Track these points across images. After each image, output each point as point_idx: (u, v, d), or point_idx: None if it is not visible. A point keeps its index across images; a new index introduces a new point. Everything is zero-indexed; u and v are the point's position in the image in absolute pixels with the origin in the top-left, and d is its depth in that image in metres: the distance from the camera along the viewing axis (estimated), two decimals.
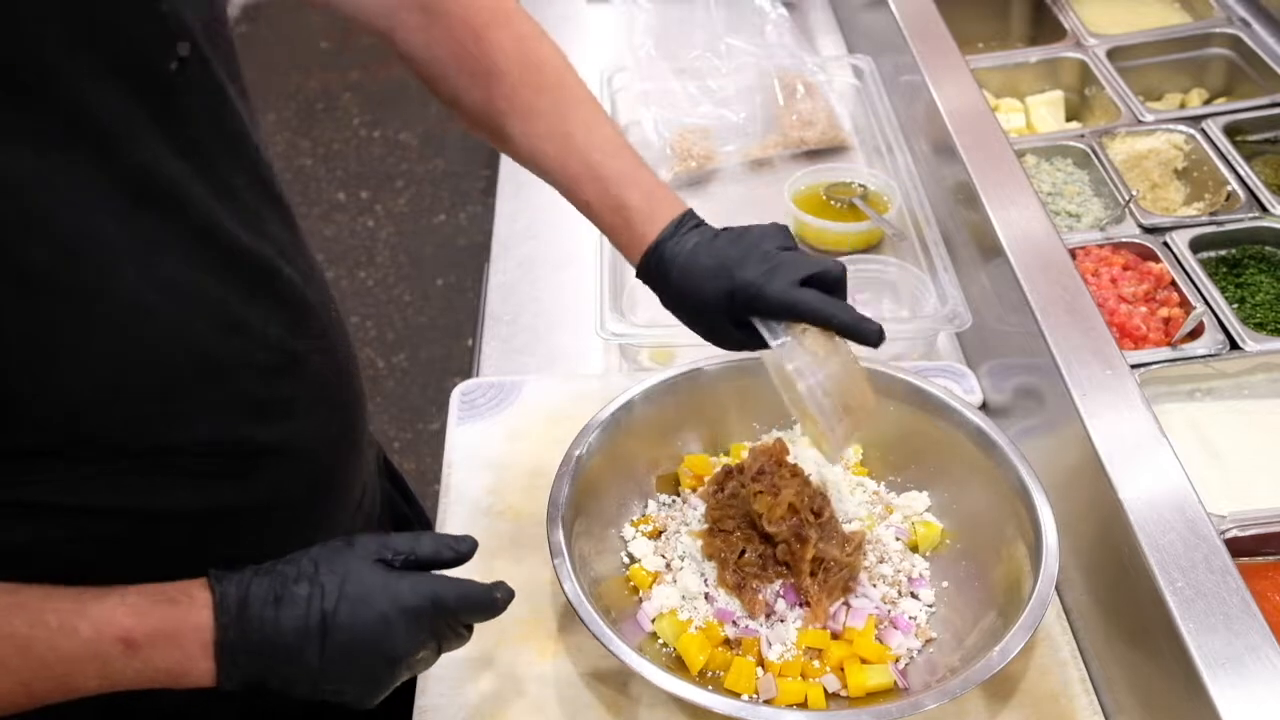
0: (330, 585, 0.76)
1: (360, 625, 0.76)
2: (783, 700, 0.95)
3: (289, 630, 0.74)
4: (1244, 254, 1.41)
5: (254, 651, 0.74)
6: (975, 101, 1.46)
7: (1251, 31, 1.74)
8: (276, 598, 0.75)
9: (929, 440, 1.12)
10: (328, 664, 0.75)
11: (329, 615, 0.75)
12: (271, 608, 0.74)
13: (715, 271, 0.91)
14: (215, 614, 0.73)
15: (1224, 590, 0.87)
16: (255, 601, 0.74)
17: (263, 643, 0.74)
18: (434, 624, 0.79)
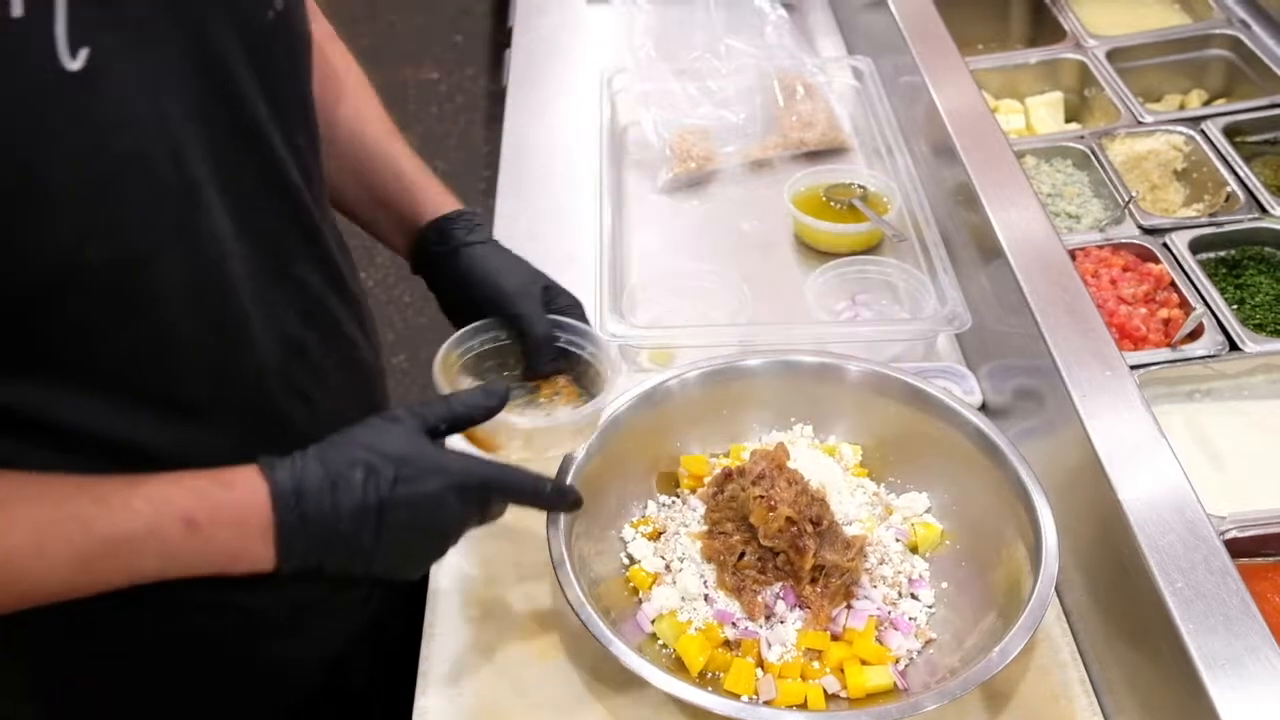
0: (385, 469, 0.77)
1: (416, 506, 0.78)
2: (782, 701, 0.95)
3: (346, 516, 0.76)
4: (1243, 255, 1.41)
5: (312, 537, 0.75)
6: (975, 103, 1.46)
7: (1251, 33, 1.74)
8: (333, 484, 0.75)
9: (929, 441, 1.12)
10: (383, 545, 0.77)
11: (385, 499, 0.77)
12: (328, 494, 0.75)
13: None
14: (272, 500, 0.74)
15: (1224, 591, 0.87)
16: (311, 488, 0.75)
17: (322, 529, 0.75)
18: (481, 500, 0.84)
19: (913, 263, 1.41)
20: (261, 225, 0.82)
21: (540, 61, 1.95)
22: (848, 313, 1.40)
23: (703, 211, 1.58)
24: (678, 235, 1.53)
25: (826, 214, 1.51)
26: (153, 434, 0.80)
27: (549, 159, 1.68)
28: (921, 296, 1.37)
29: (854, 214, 1.51)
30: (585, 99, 1.74)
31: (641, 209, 1.58)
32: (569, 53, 1.97)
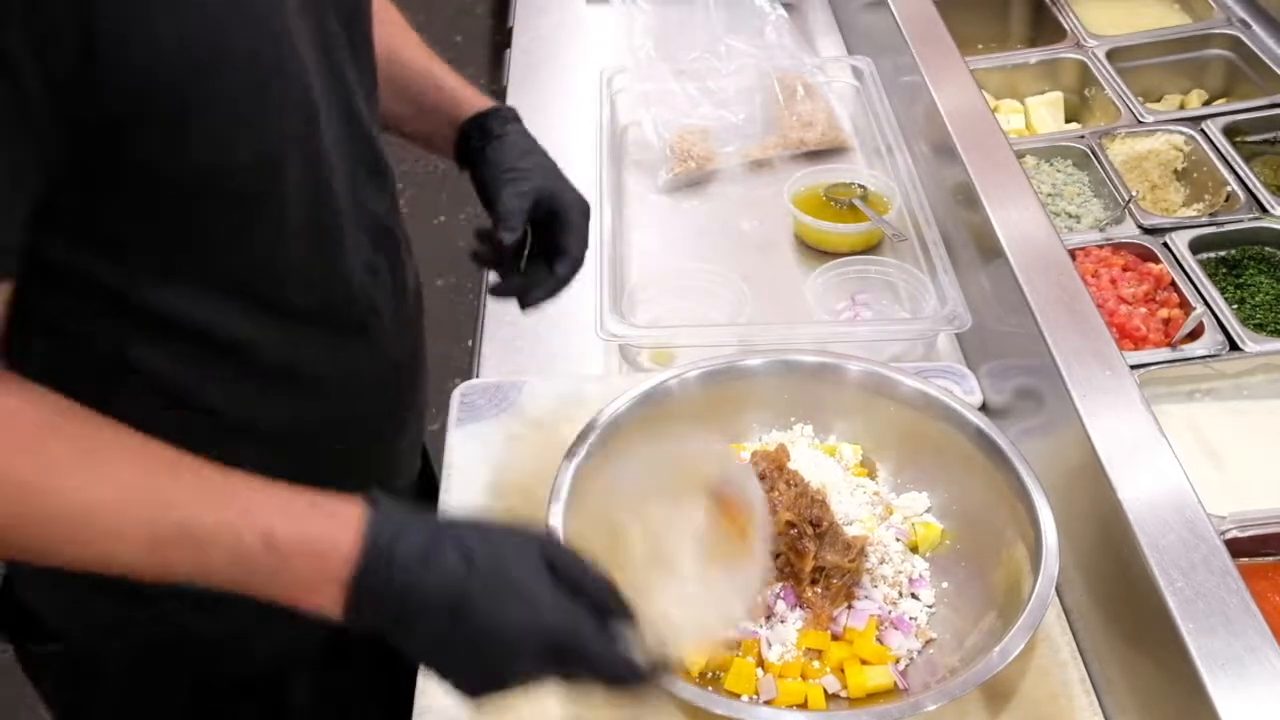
0: (482, 567, 0.70)
1: (494, 627, 0.70)
2: (783, 701, 0.95)
3: (430, 589, 0.69)
4: (1243, 255, 1.41)
5: (384, 605, 0.69)
6: (975, 102, 1.46)
7: (1251, 33, 1.74)
8: (425, 558, 0.69)
9: (929, 441, 1.12)
10: (446, 646, 0.71)
11: (469, 596, 0.69)
12: (417, 567, 0.69)
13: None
14: (362, 549, 0.68)
15: (1224, 591, 0.87)
16: (402, 554, 0.69)
17: (395, 601, 0.69)
18: (564, 657, 0.72)
19: (913, 262, 1.41)
20: (346, 151, 0.90)
21: (540, 62, 1.95)
22: (848, 312, 1.40)
23: (703, 211, 1.58)
24: (678, 235, 1.53)
25: (826, 214, 1.51)
26: (257, 333, 0.86)
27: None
28: (921, 296, 1.37)
29: (854, 214, 1.51)
30: (585, 99, 1.74)
31: (641, 209, 1.58)
32: (569, 53, 1.97)
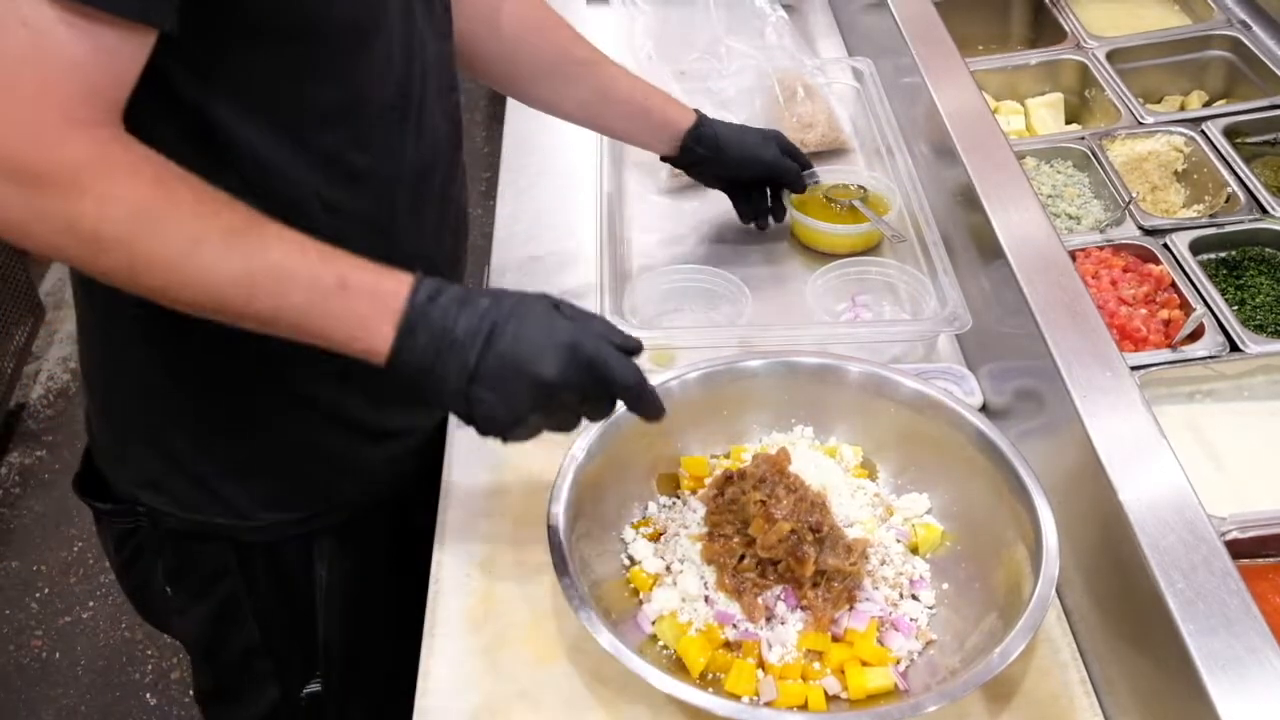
0: (507, 306, 0.88)
1: (521, 340, 0.87)
2: (783, 702, 0.95)
3: (463, 326, 0.86)
4: (1244, 256, 1.41)
5: (429, 334, 0.86)
6: (975, 104, 1.46)
7: (1251, 34, 1.74)
8: (462, 301, 0.87)
9: (929, 442, 1.12)
10: (484, 365, 0.87)
11: (498, 324, 0.87)
12: (455, 305, 0.87)
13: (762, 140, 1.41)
14: (412, 291, 0.86)
15: (1224, 592, 0.87)
16: (444, 297, 0.87)
17: (439, 329, 0.86)
18: (582, 371, 0.89)
19: (913, 264, 1.41)
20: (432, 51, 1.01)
21: None
22: (848, 314, 1.40)
23: (703, 213, 1.58)
24: (678, 236, 1.53)
25: (825, 214, 1.51)
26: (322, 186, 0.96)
27: (549, 160, 1.68)
28: (922, 297, 1.37)
29: (853, 215, 1.51)
30: None
31: (642, 210, 1.58)
32: None
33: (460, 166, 1.14)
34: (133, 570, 1.19)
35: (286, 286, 0.84)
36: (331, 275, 0.84)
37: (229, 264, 0.82)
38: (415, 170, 1.04)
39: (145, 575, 1.18)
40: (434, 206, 1.09)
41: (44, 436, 2.81)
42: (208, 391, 1.04)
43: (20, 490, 2.67)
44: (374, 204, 1.01)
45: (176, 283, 0.82)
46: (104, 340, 1.06)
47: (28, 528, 2.58)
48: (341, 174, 0.97)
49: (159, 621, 1.28)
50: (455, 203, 1.14)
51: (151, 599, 1.20)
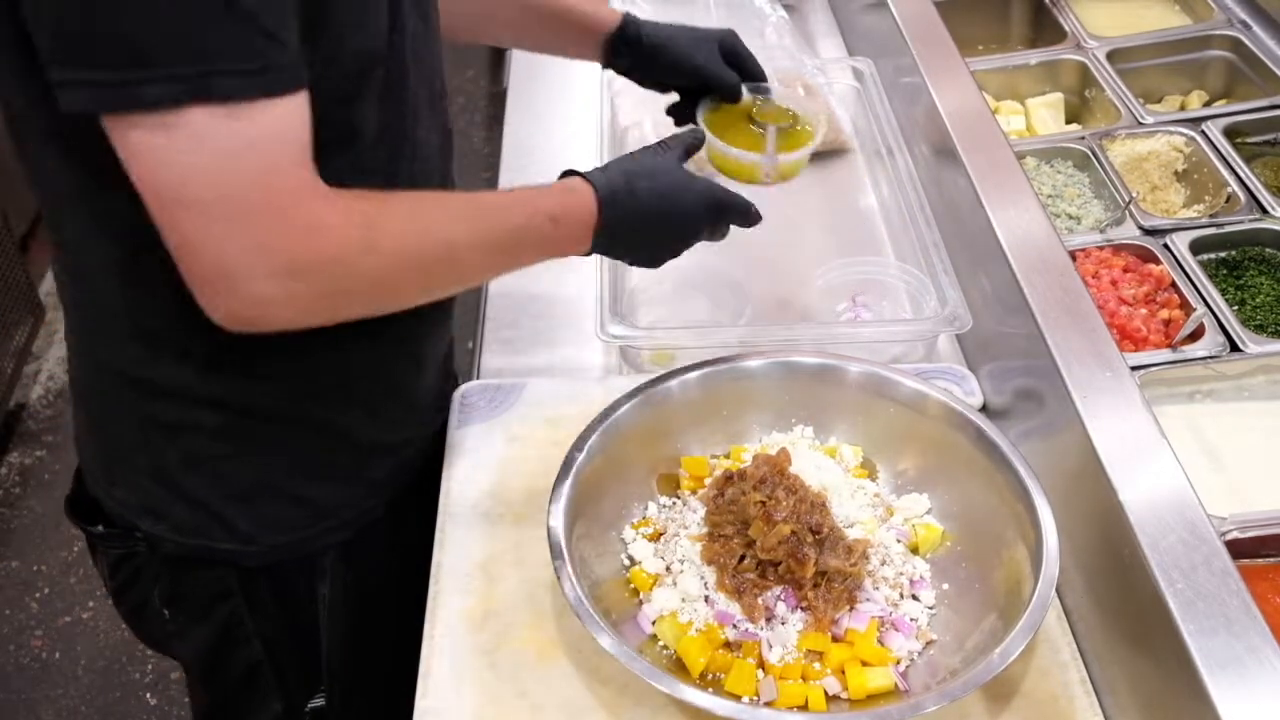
0: (662, 189, 1.04)
1: (680, 206, 1.06)
2: (783, 703, 0.95)
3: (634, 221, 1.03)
4: (1244, 256, 1.41)
5: (616, 230, 1.02)
6: (975, 104, 1.46)
7: (1251, 34, 1.74)
8: (633, 197, 1.02)
9: (929, 442, 1.12)
10: (649, 243, 1.07)
11: (661, 217, 1.05)
12: (630, 205, 1.02)
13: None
14: (598, 204, 1.00)
15: (1224, 592, 0.87)
16: (619, 195, 1.01)
17: (622, 225, 1.02)
18: (712, 213, 1.09)
19: (913, 264, 1.41)
20: (425, 64, 1.02)
21: (541, 63, 1.94)
22: (848, 313, 1.40)
23: None
24: None
25: (741, 137, 1.25)
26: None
27: (549, 160, 1.68)
28: (922, 297, 1.37)
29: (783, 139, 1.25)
30: (586, 100, 1.74)
31: None
32: None
33: (450, 176, 1.14)
34: (129, 594, 1.17)
35: (521, 243, 0.97)
36: (544, 217, 0.97)
37: (481, 245, 0.94)
38: (408, 189, 1.03)
39: (142, 598, 1.15)
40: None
41: (44, 436, 2.81)
42: (207, 416, 1.02)
43: (20, 490, 2.67)
44: None
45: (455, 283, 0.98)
46: (96, 365, 1.04)
47: (28, 528, 2.58)
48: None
49: (157, 643, 1.25)
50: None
51: (149, 621, 1.18)
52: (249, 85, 0.75)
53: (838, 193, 1.65)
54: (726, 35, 1.28)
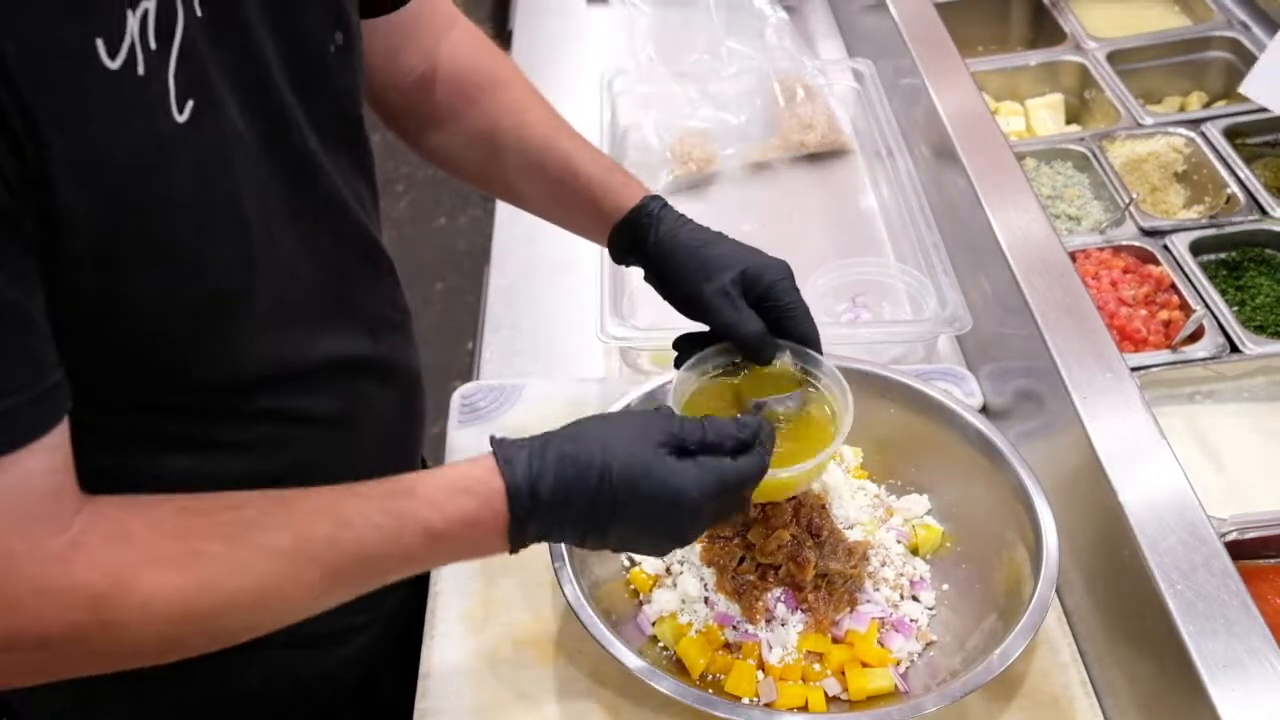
0: (619, 480, 0.77)
1: (644, 520, 0.79)
2: (783, 704, 0.95)
3: (573, 520, 0.78)
4: (1244, 257, 1.41)
5: (542, 534, 0.79)
6: (975, 105, 1.46)
7: (1251, 35, 1.74)
8: (567, 486, 0.76)
9: (929, 443, 1.12)
10: (607, 545, 0.81)
11: (613, 511, 0.77)
12: (561, 494, 0.76)
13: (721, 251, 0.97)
14: (509, 505, 0.76)
15: (1224, 593, 0.87)
16: (545, 490, 0.76)
17: (550, 527, 0.78)
18: (714, 508, 0.81)
19: (913, 264, 1.41)
20: (322, 251, 0.85)
21: (540, 64, 1.95)
22: (848, 314, 1.40)
23: (703, 214, 1.55)
24: None
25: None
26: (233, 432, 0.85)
27: None
28: (922, 298, 1.37)
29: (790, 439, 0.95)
30: (586, 101, 1.73)
31: None
32: (569, 55, 1.98)
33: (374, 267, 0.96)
34: None
35: (377, 567, 0.75)
36: (415, 534, 0.74)
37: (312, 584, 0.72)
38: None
39: None
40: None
41: None
42: None
43: None
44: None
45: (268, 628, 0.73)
46: None
47: None
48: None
49: None
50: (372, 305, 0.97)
51: None
52: None
53: (838, 193, 1.65)
54: (762, 265, 0.94)
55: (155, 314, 0.72)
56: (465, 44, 1.06)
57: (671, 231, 0.96)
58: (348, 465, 0.90)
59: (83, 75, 0.61)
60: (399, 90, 1.05)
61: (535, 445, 0.78)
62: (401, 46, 1.02)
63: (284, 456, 0.87)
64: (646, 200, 0.98)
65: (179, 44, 0.67)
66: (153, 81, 0.65)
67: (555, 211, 1.07)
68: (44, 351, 0.64)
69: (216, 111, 0.71)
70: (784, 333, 0.95)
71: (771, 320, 0.94)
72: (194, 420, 0.81)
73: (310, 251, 0.84)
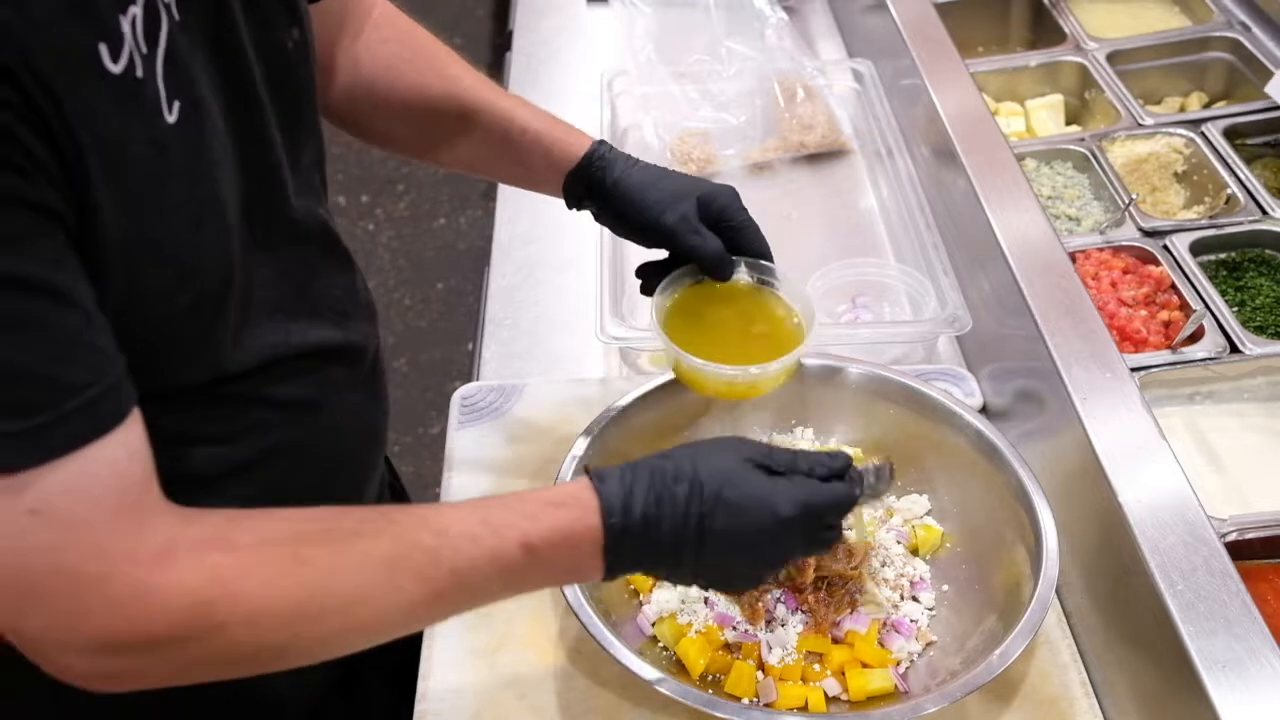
0: (709, 490, 0.78)
1: (735, 534, 0.79)
2: (783, 704, 0.95)
3: (668, 534, 0.78)
4: (1244, 257, 1.41)
5: (638, 552, 0.78)
6: (975, 105, 1.46)
7: (1251, 35, 1.74)
8: (658, 498, 0.78)
9: (929, 443, 1.12)
10: (702, 567, 0.80)
11: (706, 521, 0.78)
12: (653, 508, 0.77)
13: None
14: (603, 518, 0.76)
15: (1224, 593, 0.87)
16: (637, 504, 0.77)
17: (645, 544, 0.78)
18: (805, 530, 0.81)
19: (913, 265, 1.41)
20: (289, 246, 0.86)
21: (540, 64, 1.95)
22: (848, 315, 1.40)
23: None
24: None
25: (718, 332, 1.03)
26: (211, 425, 0.84)
27: None
28: (922, 298, 1.37)
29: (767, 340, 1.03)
30: (586, 102, 1.74)
31: None
32: (569, 56, 1.98)
33: (335, 259, 0.98)
34: None
35: (480, 584, 0.74)
36: (513, 546, 0.74)
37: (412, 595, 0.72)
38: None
39: None
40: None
41: None
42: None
43: None
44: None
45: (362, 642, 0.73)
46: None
47: None
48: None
49: None
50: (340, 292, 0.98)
51: None
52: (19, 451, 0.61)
53: (838, 194, 1.65)
54: (714, 192, 1.01)
55: (150, 315, 0.72)
56: (387, 22, 1.08)
57: (626, 171, 1.03)
58: (320, 449, 0.93)
59: (92, 79, 0.63)
60: (331, 74, 1.05)
61: (626, 466, 0.80)
62: (331, 34, 1.03)
63: (259, 444, 0.87)
64: (595, 145, 1.04)
65: (164, 46, 0.68)
66: (148, 84, 0.66)
67: (504, 169, 1.10)
68: (108, 342, 0.65)
69: (200, 111, 0.71)
70: (739, 249, 1.02)
71: (727, 240, 1.01)
72: (175, 414, 0.80)
73: (279, 246, 0.85)
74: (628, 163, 1.04)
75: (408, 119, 1.07)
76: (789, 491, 0.80)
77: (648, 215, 1.00)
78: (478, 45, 4.02)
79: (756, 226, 1.02)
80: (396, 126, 1.08)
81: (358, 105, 1.07)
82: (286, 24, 0.84)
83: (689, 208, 1.00)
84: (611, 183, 1.02)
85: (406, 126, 1.08)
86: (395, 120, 1.07)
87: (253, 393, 0.86)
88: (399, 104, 1.06)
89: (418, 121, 1.07)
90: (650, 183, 1.02)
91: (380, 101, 1.06)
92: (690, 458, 0.80)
